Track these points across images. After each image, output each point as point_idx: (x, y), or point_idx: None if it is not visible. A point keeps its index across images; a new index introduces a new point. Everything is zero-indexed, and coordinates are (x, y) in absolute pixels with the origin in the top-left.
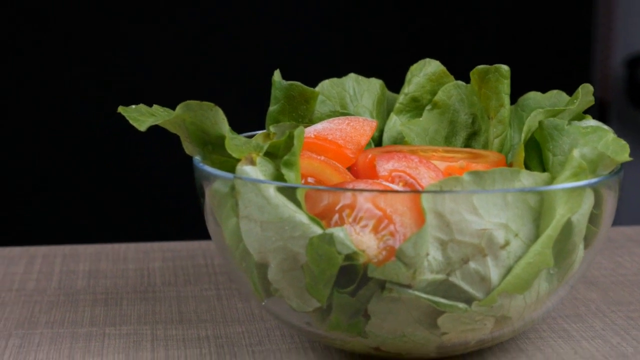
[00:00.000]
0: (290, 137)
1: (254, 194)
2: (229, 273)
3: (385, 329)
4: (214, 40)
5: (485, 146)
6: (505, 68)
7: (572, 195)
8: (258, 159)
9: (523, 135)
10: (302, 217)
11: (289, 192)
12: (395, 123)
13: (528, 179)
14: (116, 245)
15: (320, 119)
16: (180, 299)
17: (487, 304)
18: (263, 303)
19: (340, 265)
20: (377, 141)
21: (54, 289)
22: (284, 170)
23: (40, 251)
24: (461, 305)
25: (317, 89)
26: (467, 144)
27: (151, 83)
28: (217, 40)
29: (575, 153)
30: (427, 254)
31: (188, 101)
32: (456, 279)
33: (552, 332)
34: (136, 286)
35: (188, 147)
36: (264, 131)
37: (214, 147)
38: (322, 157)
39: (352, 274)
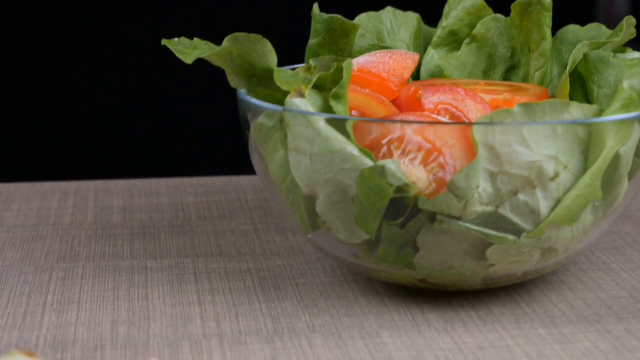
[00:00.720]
0: (339, 70)
1: (304, 126)
2: (273, 207)
3: (434, 261)
4: None
5: (525, 80)
6: (547, 1)
7: (621, 127)
8: (307, 92)
9: (568, 67)
10: (353, 149)
11: (339, 125)
12: (433, 57)
13: (578, 111)
14: (147, 180)
15: (360, 53)
16: (217, 233)
17: (535, 236)
18: (309, 236)
19: (390, 198)
20: (415, 75)
21: (90, 223)
22: (333, 103)
23: (72, 187)
24: (510, 237)
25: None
26: (506, 77)
27: (191, 16)
28: None
29: (626, 85)
30: (478, 186)
31: (236, 34)
32: (505, 211)
33: (592, 265)
34: (172, 220)
35: (234, 80)
36: (304, 65)
37: (260, 80)
38: (367, 90)
39: (401, 207)
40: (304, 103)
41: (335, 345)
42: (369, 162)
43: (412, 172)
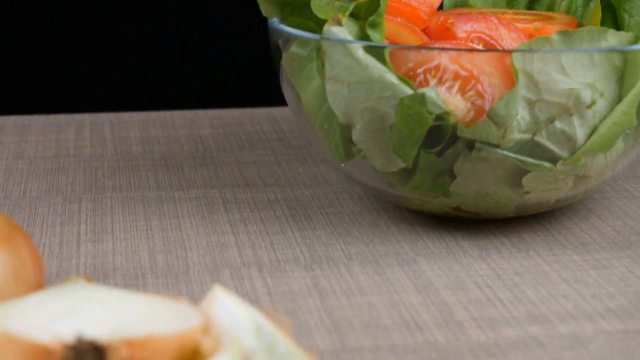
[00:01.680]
0: None
1: (342, 54)
2: (301, 137)
3: (470, 188)
4: None
5: (550, 9)
6: None
7: None
8: (344, 20)
9: None
10: (392, 77)
11: (377, 53)
12: None
13: (614, 38)
14: (161, 112)
15: None
16: (240, 164)
17: (571, 163)
18: (342, 165)
19: (429, 126)
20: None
21: (110, 154)
22: (370, 31)
23: (86, 118)
24: (547, 164)
25: None
26: (529, 7)
27: None
28: None
29: None
30: (517, 114)
31: None
32: (542, 139)
33: (616, 193)
34: (192, 152)
35: (266, 9)
36: None
37: (293, 8)
38: (398, 19)
39: (439, 134)
40: (342, 31)
41: (374, 272)
42: (408, 90)
43: (450, 101)
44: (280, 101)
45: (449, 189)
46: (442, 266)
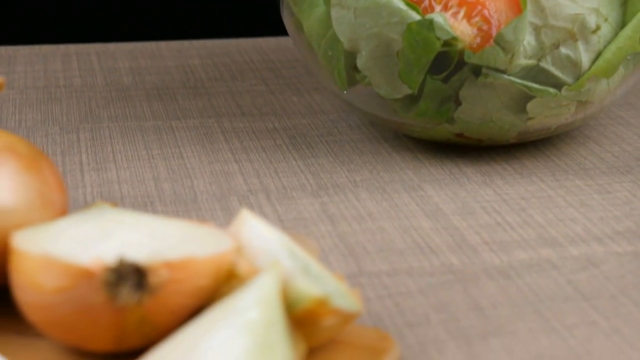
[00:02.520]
0: None
1: None
2: (304, 66)
3: (475, 114)
4: None
5: None
6: None
7: None
8: None
9: None
10: (399, 3)
11: None
12: None
13: None
14: (147, 43)
15: None
16: (233, 94)
17: (576, 89)
18: (344, 92)
19: (437, 51)
20: None
21: (101, 85)
22: None
23: (72, 49)
24: (552, 90)
25: None
26: None
27: None
28: None
29: None
30: (524, 39)
31: None
32: (547, 64)
33: (611, 120)
34: (184, 82)
35: None
36: None
37: None
38: None
39: (446, 61)
40: None
41: (382, 199)
42: (415, 16)
43: (456, 27)
44: (267, 31)
45: (453, 116)
46: (448, 192)
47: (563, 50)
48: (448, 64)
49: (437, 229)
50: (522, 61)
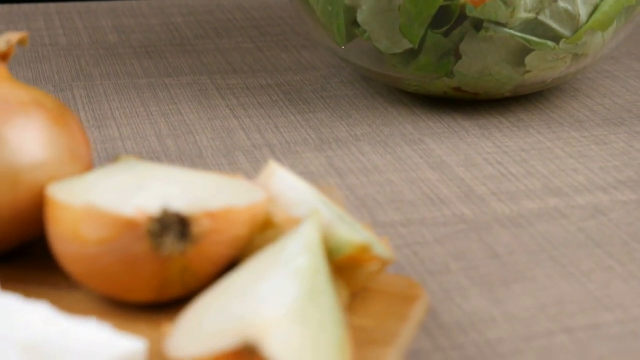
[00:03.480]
0: None
1: None
2: (303, 22)
3: (474, 68)
4: None
5: None
6: None
7: None
8: None
9: None
10: None
11: None
12: None
13: None
14: (127, 1)
15: None
16: (221, 51)
17: (574, 42)
18: (342, 47)
19: (439, 5)
20: None
21: (88, 43)
22: None
23: (52, 7)
24: (550, 42)
25: None
26: None
27: None
28: None
29: None
30: None
31: None
32: (545, 18)
33: (597, 73)
34: (170, 40)
35: None
36: None
37: None
38: None
39: (447, 15)
40: None
41: (385, 152)
42: None
43: None
44: None
45: (452, 69)
46: (449, 145)
47: (561, 3)
48: (449, 18)
49: (444, 180)
50: (522, 14)
